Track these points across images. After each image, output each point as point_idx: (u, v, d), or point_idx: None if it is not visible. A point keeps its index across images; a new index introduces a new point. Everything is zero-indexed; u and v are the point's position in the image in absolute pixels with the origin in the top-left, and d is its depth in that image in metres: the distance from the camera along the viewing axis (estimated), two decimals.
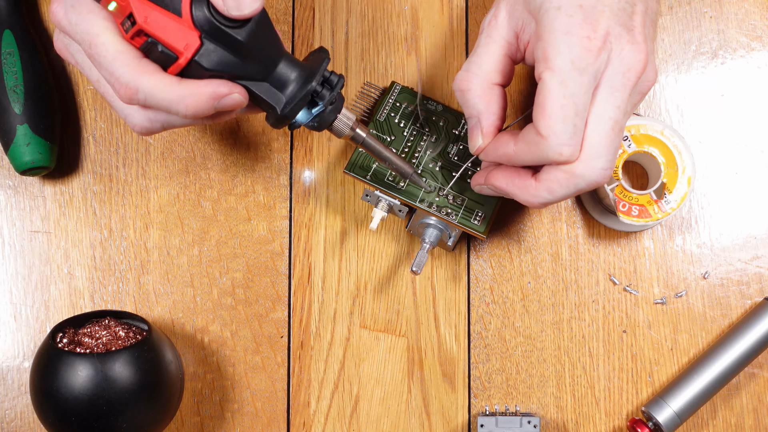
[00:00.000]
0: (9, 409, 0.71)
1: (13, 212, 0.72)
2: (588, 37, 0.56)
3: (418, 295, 0.72)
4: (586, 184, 0.58)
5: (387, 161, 0.64)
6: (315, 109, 0.59)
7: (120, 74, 0.55)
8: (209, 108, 0.56)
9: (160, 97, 0.55)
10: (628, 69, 0.57)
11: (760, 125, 0.73)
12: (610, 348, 0.71)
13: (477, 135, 0.62)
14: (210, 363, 0.72)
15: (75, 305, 0.72)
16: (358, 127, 0.62)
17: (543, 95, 0.57)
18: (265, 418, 0.71)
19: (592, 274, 0.72)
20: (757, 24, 0.73)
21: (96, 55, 0.55)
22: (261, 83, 0.58)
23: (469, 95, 0.61)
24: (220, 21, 0.54)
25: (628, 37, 0.57)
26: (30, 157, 0.69)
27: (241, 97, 0.57)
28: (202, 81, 0.56)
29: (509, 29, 0.61)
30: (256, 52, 0.56)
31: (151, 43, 0.54)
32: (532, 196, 0.59)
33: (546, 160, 0.58)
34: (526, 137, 0.58)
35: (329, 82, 0.59)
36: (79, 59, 0.58)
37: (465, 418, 0.71)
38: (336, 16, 0.74)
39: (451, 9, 0.74)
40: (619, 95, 0.57)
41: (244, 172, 0.73)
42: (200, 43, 0.54)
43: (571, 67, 0.56)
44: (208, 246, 0.72)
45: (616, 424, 0.71)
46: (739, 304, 0.71)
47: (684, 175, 0.69)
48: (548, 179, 0.58)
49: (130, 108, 0.58)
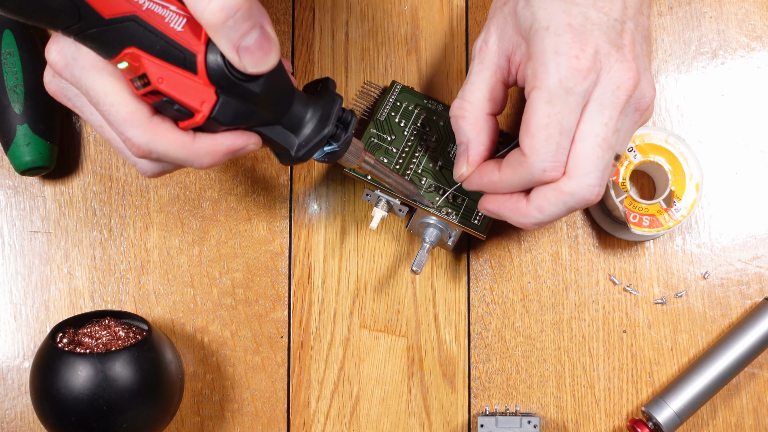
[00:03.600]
0: (9, 409, 0.71)
1: (13, 212, 0.72)
2: (576, 57, 0.56)
3: (418, 295, 0.72)
4: (575, 202, 0.57)
5: (393, 186, 0.64)
6: (328, 148, 0.57)
7: (132, 135, 0.52)
8: (224, 161, 0.55)
9: (174, 156, 0.53)
10: (618, 87, 0.56)
11: (760, 125, 0.73)
12: (610, 348, 0.71)
13: (462, 163, 0.62)
14: (210, 363, 0.72)
15: (75, 305, 0.72)
16: (365, 156, 0.61)
17: (528, 114, 0.57)
18: (265, 418, 0.71)
19: (592, 274, 0.72)
20: (757, 24, 0.73)
21: (104, 113, 0.52)
22: (274, 126, 0.56)
23: (462, 122, 0.61)
24: (236, 76, 0.52)
25: (617, 55, 0.56)
26: (30, 157, 0.69)
27: (255, 146, 0.55)
28: (217, 136, 0.54)
29: (500, 53, 0.61)
30: (271, 100, 0.54)
31: (167, 102, 0.52)
32: (523, 216, 0.59)
33: (530, 180, 0.58)
34: (511, 159, 0.58)
35: (343, 121, 0.57)
36: (77, 103, 0.55)
37: (465, 418, 0.71)
38: (336, 16, 0.74)
39: (451, 9, 0.74)
40: (607, 113, 0.56)
41: (244, 172, 0.73)
42: (216, 98, 0.52)
43: (559, 87, 0.56)
44: (208, 246, 0.72)
45: (616, 424, 0.71)
46: (739, 304, 0.71)
47: (692, 182, 0.69)
48: (538, 198, 0.58)
49: (141, 159, 0.56)
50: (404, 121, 0.70)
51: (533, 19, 0.57)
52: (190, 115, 0.52)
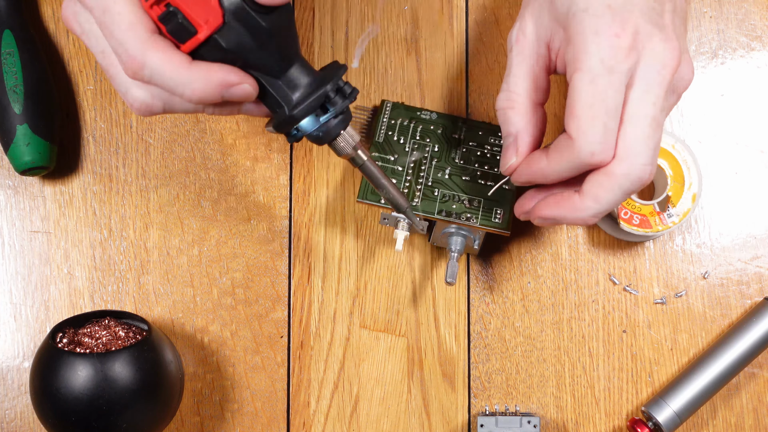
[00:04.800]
0: (9, 409, 0.71)
1: (13, 212, 0.72)
2: (617, 35, 0.55)
3: (418, 295, 0.72)
4: (630, 183, 0.56)
5: (383, 190, 0.62)
6: (323, 117, 0.57)
7: (130, 45, 0.52)
8: (216, 95, 0.54)
9: (167, 77, 0.52)
10: (663, 66, 0.55)
11: (760, 125, 0.73)
12: (610, 348, 0.71)
13: (512, 154, 0.60)
14: (210, 363, 0.72)
15: (75, 305, 0.72)
16: (360, 149, 0.60)
17: (572, 97, 0.56)
18: (265, 418, 0.71)
19: (592, 274, 0.72)
20: (757, 24, 0.73)
21: (108, 22, 0.52)
22: (274, 80, 0.56)
23: (511, 113, 0.60)
24: (249, 4, 0.52)
25: (660, 35, 0.55)
26: (30, 157, 0.69)
27: (251, 88, 0.54)
28: (213, 65, 0.53)
29: (539, 41, 0.59)
30: (276, 44, 0.54)
31: (172, 12, 0.52)
32: (579, 210, 0.58)
33: (578, 164, 0.56)
34: (558, 145, 0.57)
35: (342, 91, 0.57)
36: (86, 28, 0.55)
37: (465, 418, 0.71)
38: (336, 16, 0.74)
39: (451, 9, 0.74)
40: (654, 92, 0.55)
41: (244, 172, 0.73)
42: (222, 21, 0.52)
43: (601, 66, 0.55)
44: (208, 246, 0.72)
45: (616, 424, 0.71)
46: (739, 304, 0.71)
47: (689, 191, 0.69)
48: (591, 187, 0.57)
49: (132, 82, 0.55)
50: (402, 138, 0.69)
51: (570, 2, 0.56)
52: (193, 32, 0.52)
